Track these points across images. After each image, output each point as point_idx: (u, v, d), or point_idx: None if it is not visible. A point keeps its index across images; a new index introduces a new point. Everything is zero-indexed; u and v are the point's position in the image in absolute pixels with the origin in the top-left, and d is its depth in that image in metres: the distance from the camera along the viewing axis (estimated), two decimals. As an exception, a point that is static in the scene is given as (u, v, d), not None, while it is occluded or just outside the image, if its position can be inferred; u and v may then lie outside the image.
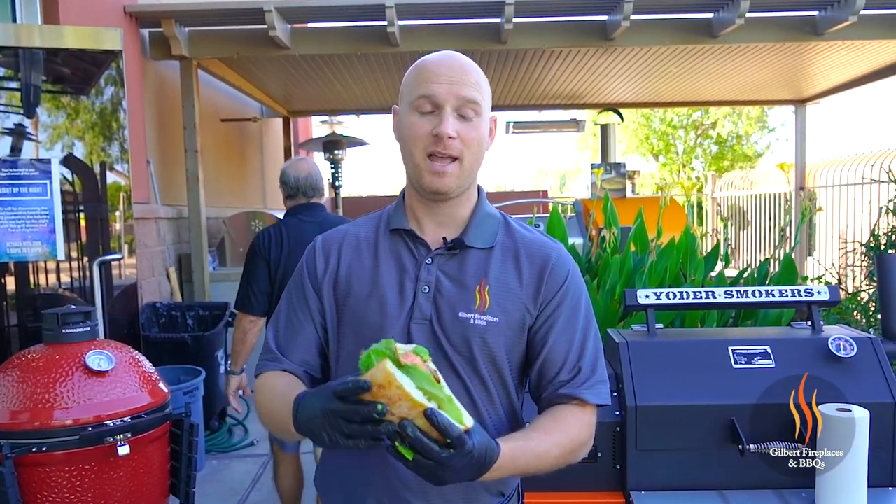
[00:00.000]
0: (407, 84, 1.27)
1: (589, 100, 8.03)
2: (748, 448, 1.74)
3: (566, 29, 5.18)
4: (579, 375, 1.26)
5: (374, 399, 0.95)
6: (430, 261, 1.26)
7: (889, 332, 2.05)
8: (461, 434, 0.97)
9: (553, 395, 1.26)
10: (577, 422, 1.24)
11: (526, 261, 1.28)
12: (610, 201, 3.42)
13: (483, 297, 1.24)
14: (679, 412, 1.85)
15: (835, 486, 1.65)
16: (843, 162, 7.31)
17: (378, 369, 0.95)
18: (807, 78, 6.96)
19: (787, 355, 1.90)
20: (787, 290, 2.09)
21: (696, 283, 3.11)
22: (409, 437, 0.95)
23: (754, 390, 1.85)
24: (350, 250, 1.32)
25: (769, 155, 18.15)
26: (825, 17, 4.90)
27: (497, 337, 1.23)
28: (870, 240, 3.88)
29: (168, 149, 5.46)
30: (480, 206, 1.32)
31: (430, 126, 1.20)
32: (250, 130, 7.98)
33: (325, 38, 5.21)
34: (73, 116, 3.71)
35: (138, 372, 2.22)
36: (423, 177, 1.23)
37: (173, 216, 5.30)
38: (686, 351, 1.97)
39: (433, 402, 0.96)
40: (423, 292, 1.24)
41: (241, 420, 4.84)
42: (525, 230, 1.34)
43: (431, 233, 1.29)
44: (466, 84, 1.21)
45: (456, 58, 1.25)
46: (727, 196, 10.26)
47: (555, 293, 1.27)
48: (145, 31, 4.96)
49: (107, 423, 2.06)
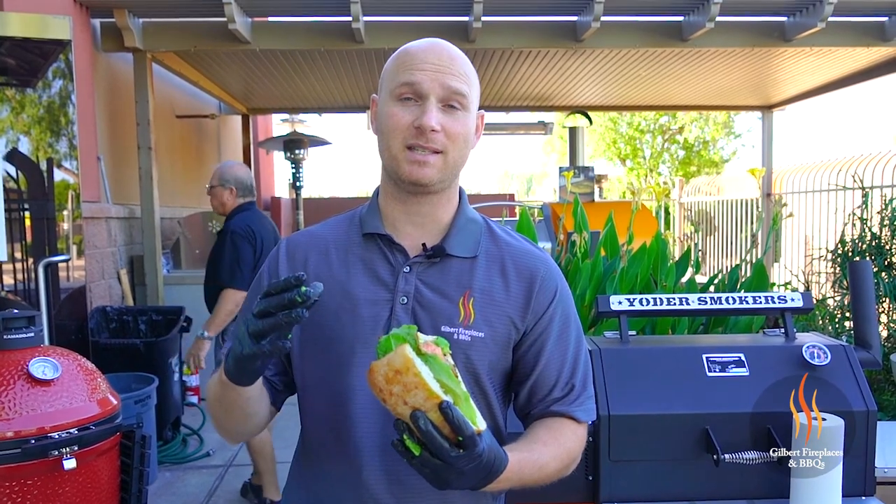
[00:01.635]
0: (388, 71, 1.19)
1: (557, 102, 8.09)
2: (723, 458, 1.74)
3: (536, 29, 5.20)
4: (572, 393, 1.23)
5: (388, 384, 0.92)
6: (408, 269, 1.19)
7: (861, 339, 2.08)
8: (474, 434, 0.93)
9: (544, 412, 1.23)
10: (573, 435, 1.22)
11: (513, 272, 1.22)
12: (580, 205, 3.43)
13: (467, 309, 1.17)
14: (653, 421, 1.85)
15: (810, 495, 1.66)
16: (808, 168, 7.48)
17: (397, 353, 0.91)
18: (774, 84, 7.11)
19: (760, 363, 1.92)
20: (760, 296, 2.11)
21: (667, 290, 3.14)
22: (421, 429, 0.91)
23: (728, 398, 1.86)
24: (318, 256, 1.23)
25: (735, 161, 18.53)
26: (794, 23, 5.01)
27: (482, 353, 1.17)
28: (837, 246, 3.95)
29: (120, 145, 5.33)
30: (462, 210, 1.25)
31: (412, 117, 1.13)
32: (208, 128, 7.85)
33: (288, 32, 5.14)
34: (18, 110, 3.59)
35: (86, 380, 2.14)
36: (402, 167, 1.14)
37: (125, 216, 5.17)
38: (659, 358, 1.97)
39: (449, 396, 0.93)
40: (401, 303, 1.17)
41: (197, 430, 4.74)
42: (510, 237, 1.28)
43: (409, 238, 1.21)
44: (453, 73, 1.14)
45: (443, 45, 1.18)
46: (695, 201, 10.43)
47: (545, 308, 1.22)
48: (96, 21, 4.83)
49: (51, 436, 1.98)
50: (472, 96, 1.18)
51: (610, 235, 3.36)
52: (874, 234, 3.76)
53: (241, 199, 3.66)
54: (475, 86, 1.20)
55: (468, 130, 1.18)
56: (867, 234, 3.78)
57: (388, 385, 0.92)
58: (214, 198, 3.68)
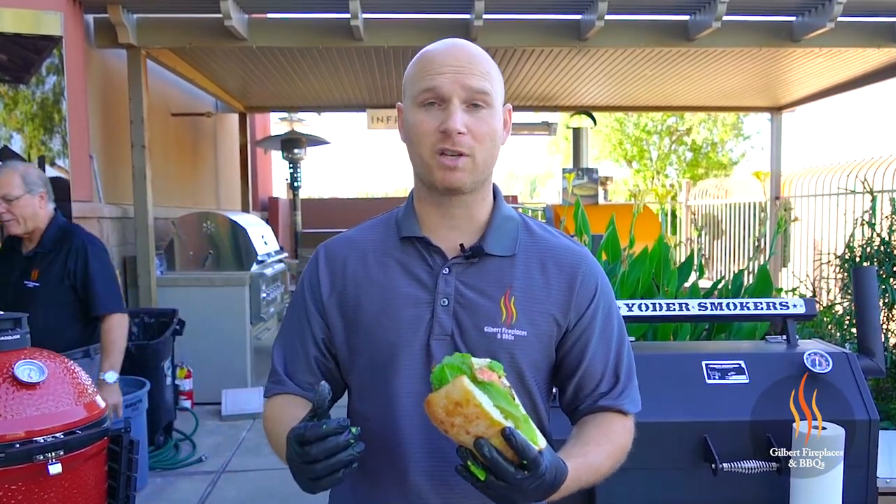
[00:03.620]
0: (409, 78, 1.21)
1: (561, 102, 8.09)
2: (721, 467, 1.75)
3: (539, 27, 5.21)
4: (618, 385, 1.26)
5: (448, 416, 0.95)
6: (447, 270, 1.21)
7: (865, 347, 2.08)
8: (537, 456, 0.96)
9: (592, 407, 1.26)
10: (622, 429, 1.24)
11: (554, 269, 1.24)
12: (581, 208, 3.44)
13: (509, 309, 1.20)
14: (651, 429, 1.85)
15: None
16: (818, 171, 7.47)
17: (455, 386, 0.94)
18: (783, 85, 7.11)
19: (761, 370, 1.93)
20: (762, 302, 2.12)
21: (669, 295, 3.14)
22: (486, 457, 0.94)
23: (728, 406, 1.87)
24: (356, 262, 1.26)
25: (744, 163, 18.53)
26: (802, 23, 5.01)
27: (525, 351, 1.20)
28: (845, 252, 3.96)
29: (114, 144, 5.34)
30: (498, 207, 1.27)
31: (437, 122, 1.15)
32: (204, 126, 7.86)
33: (285, 29, 5.15)
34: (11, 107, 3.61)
35: (73, 384, 2.15)
36: (434, 173, 1.17)
37: (118, 216, 5.18)
38: (659, 365, 1.98)
39: (510, 421, 0.96)
40: (442, 305, 1.20)
41: (189, 435, 4.74)
42: (548, 233, 1.30)
43: (446, 239, 1.24)
44: (474, 73, 1.16)
45: (461, 46, 1.19)
46: (701, 204, 10.42)
47: (588, 304, 1.25)
48: (90, 16, 4.84)
49: (37, 440, 1.98)
50: (496, 92, 1.20)
51: (611, 239, 3.36)
52: (882, 239, 3.76)
53: (53, 203, 3.08)
54: (498, 81, 1.21)
55: (495, 128, 1.19)
56: (875, 239, 3.78)
57: (449, 417, 0.95)
58: (20, 210, 2.94)
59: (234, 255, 5.71)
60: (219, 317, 5.37)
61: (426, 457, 1.19)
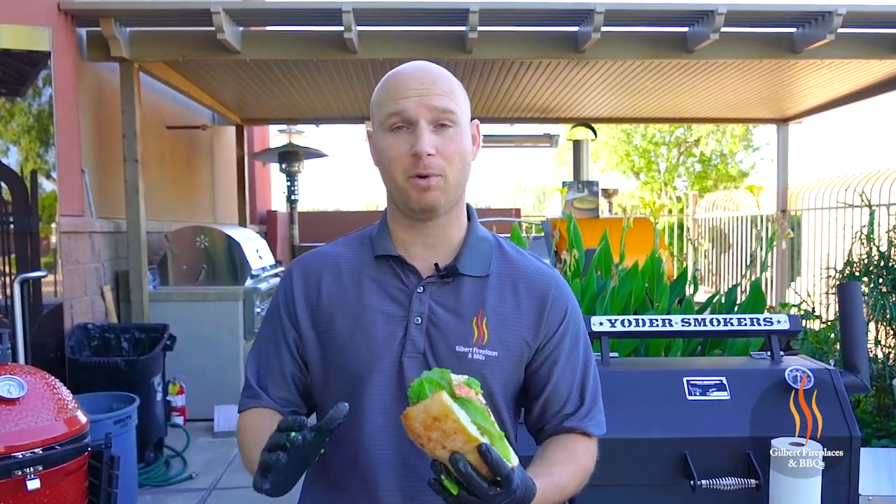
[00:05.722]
0: (376, 103, 1.26)
1: (563, 114, 8.14)
2: (700, 483, 1.77)
3: (535, 39, 5.26)
4: (582, 408, 1.31)
5: (426, 430, 0.98)
6: (421, 289, 1.25)
7: (849, 363, 2.11)
8: (510, 473, 0.99)
9: (557, 428, 1.30)
10: (586, 451, 1.29)
11: (525, 291, 1.29)
12: (573, 222, 3.47)
13: (481, 329, 1.24)
14: (631, 445, 1.88)
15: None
16: (827, 184, 7.48)
17: (434, 401, 0.97)
18: (788, 96, 7.14)
19: (742, 386, 1.95)
20: (745, 318, 2.15)
21: (661, 310, 3.17)
22: (461, 472, 0.97)
23: (708, 423, 1.89)
24: (331, 278, 1.30)
25: (754, 175, 18.54)
26: (803, 35, 5.05)
27: (496, 372, 1.24)
28: (845, 267, 3.98)
29: (106, 157, 5.41)
30: (473, 228, 1.32)
31: (407, 145, 1.19)
32: (200, 139, 7.93)
33: (279, 42, 5.22)
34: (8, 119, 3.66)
35: (53, 399, 2.19)
36: (410, 195, 1.21)
37: (110, 230, 5.23)
38: (639, 381, 2.01)
39: (485, 438, 0.99)
40: (416, 323, 1.24)
41: (180, 452, 4.77)
42: (520, 255, 1.34)
43: (420, 258, 1.28)
44: (437, 94, 1.20)
45: (424, 68, 1.24)
46: (709, 217, 10.43)
47: (556, 328, 1.29)
48: (82, 30, 4.93)
49: (15, 455, 2.03)
50: (462, 110, 1.24)
51: (604, 253, 3.40)
52: (882, 253, 3.78)
53: None
54: (463, 99, 1.26)
55: (464, 147, 1.24)
56: (874, 253, 3.80)
57: (427, 431, 0.98)
58: None
59: (228, 269, 5.76)
60: (212, 332, 5.41)
61: (396, 472, 1.22)
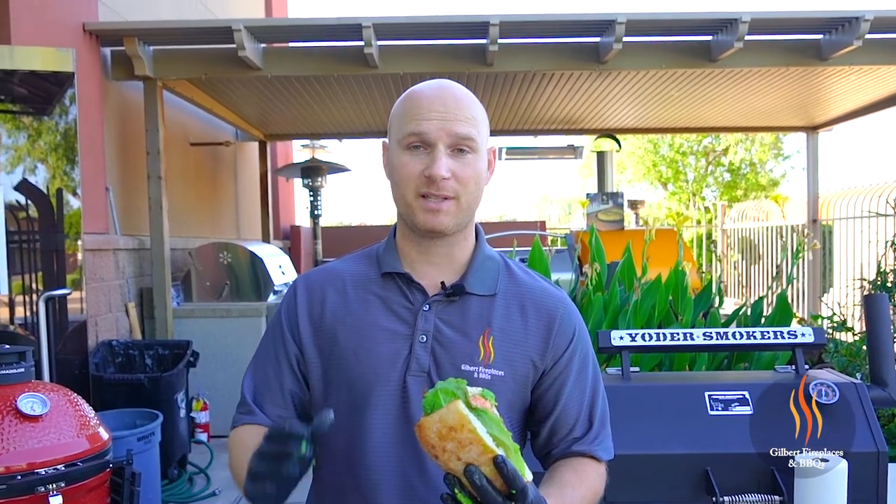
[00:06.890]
0: (395, 117, 1.26)
1: (587, 125, 8.14)
2: (722, 500, 1.76)
3: (556, 51, 5.28)
4: (591, 432, 1.31)
5: (441, 441, 0.96)
6: (427, 307, 1.26)
7: (877, 376, 2.08)
8: (525, 487, 0.99)
9: (565, 452, 1.30)
10: (595, 475, 1.29)
11: (532, 312, 1.29)
12: (596, 234, 3.47)
13: (487, 348, 1.24)
14: (652, 461, 1.87)
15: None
16: (860, 192, 7.37)
17: (450, 410, 0.96)
18: (817, 104, 7.07)
19: (766, 401, 1.94)
20: (769, 331, 2.13)
21: (685, 323, 3.15)
22: (476, 485, 0.96)
23: (730, 438, 1.88)
24: (335, 294, 1.30)
25: (785, 183, 18.34)
26: (829, 42, 5.01)
27: (501, 392, 1.21)
28: (877, 277, 3.92)
29: (131, 175, 5.51)
30: (480, 248, 1.32)
31: (422, 166, 1.20)
32: (224, 155, 8.05)
33: (300, 58, 5.29)
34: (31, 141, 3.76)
35: (76, 416, 2.24)
36: (417, 215, 1.22)
37: (134, 247, 5.33)
38: (661, 396, 2.00)
39: (501, 449, 0.98)
40: (420, 342, 1.24)
41: (204, 469, 4.82)
42: (527, 276, 1.35)
43: (427, 276, 1.28)
44: (459, 119, 1.20)
45: (448, 89, 1.24)
46: (738, 228, 10.33)
47: (564, 349, 1.29)
48: (107, 49, 5.05)
49: (38, 472, 2.07)
50: (481, 137, 1.24)
51: (626, 266, 3.39)
52: (913, 263, 3.72)
53: None
54: (484, 124, 1.26)
55: (479, 172, 1.25)
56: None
57: (442, 442, 0.97)
58: None
59: (251, 285, 5.82)
60: (236, 348, 5.46)
61: (397, 493, 1.21)
